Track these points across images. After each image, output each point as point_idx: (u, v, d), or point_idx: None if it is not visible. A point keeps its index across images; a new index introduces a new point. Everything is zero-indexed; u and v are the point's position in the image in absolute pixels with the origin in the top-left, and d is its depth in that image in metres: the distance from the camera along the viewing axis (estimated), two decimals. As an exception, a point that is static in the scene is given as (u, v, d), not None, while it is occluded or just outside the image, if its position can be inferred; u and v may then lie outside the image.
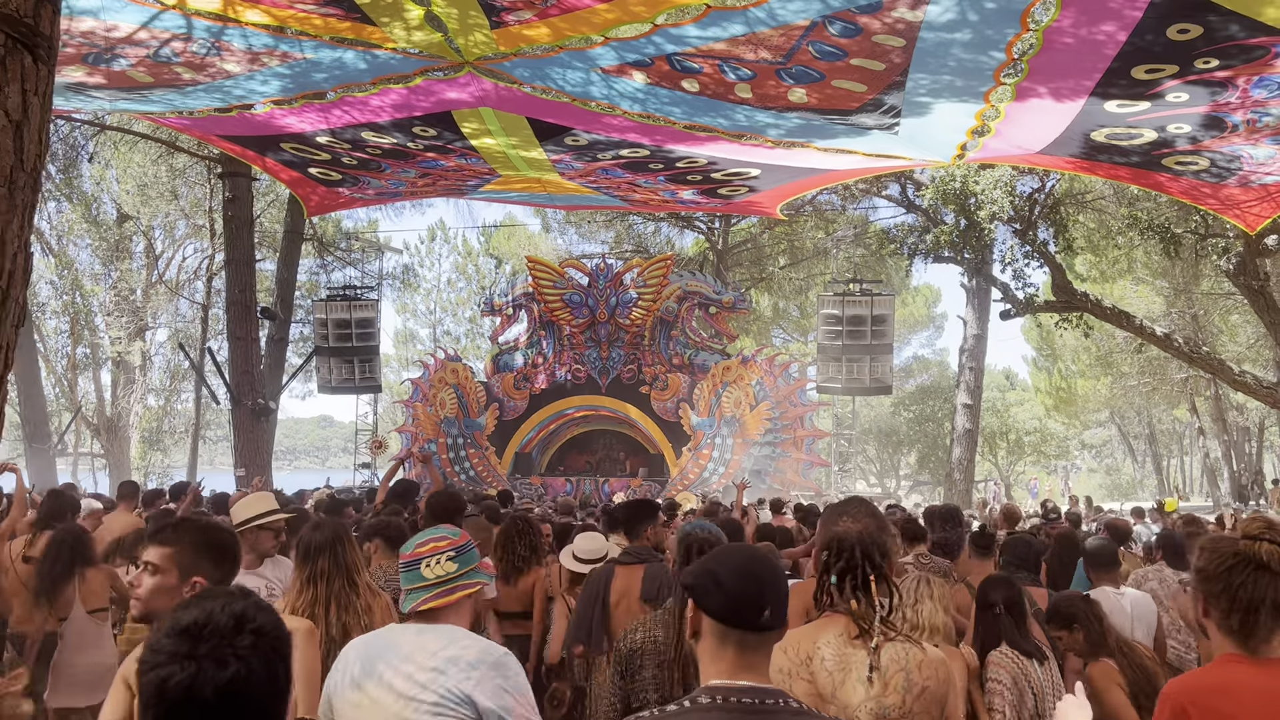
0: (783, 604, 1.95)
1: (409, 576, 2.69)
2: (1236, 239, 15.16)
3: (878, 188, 23.87)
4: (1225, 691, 2.17)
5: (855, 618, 2.37)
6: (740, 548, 2.10)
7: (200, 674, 1.36)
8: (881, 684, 2.31)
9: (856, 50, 6.76)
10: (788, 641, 2.41)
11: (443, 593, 2.64)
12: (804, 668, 2.35)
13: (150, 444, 35.17)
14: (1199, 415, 35.41)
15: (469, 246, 44.32)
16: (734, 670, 1.91)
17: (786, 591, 1.98)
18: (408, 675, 2.48)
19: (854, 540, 2.44)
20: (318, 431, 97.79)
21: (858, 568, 2.41)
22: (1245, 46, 6.10)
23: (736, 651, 1.91)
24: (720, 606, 1.93)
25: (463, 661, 2.48)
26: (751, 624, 1.91)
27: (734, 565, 1.96)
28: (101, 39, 7.54)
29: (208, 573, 2.48)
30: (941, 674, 2.38)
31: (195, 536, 2.54)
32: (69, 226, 31.23)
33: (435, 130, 9.39)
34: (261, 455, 18.22)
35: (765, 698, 1.88)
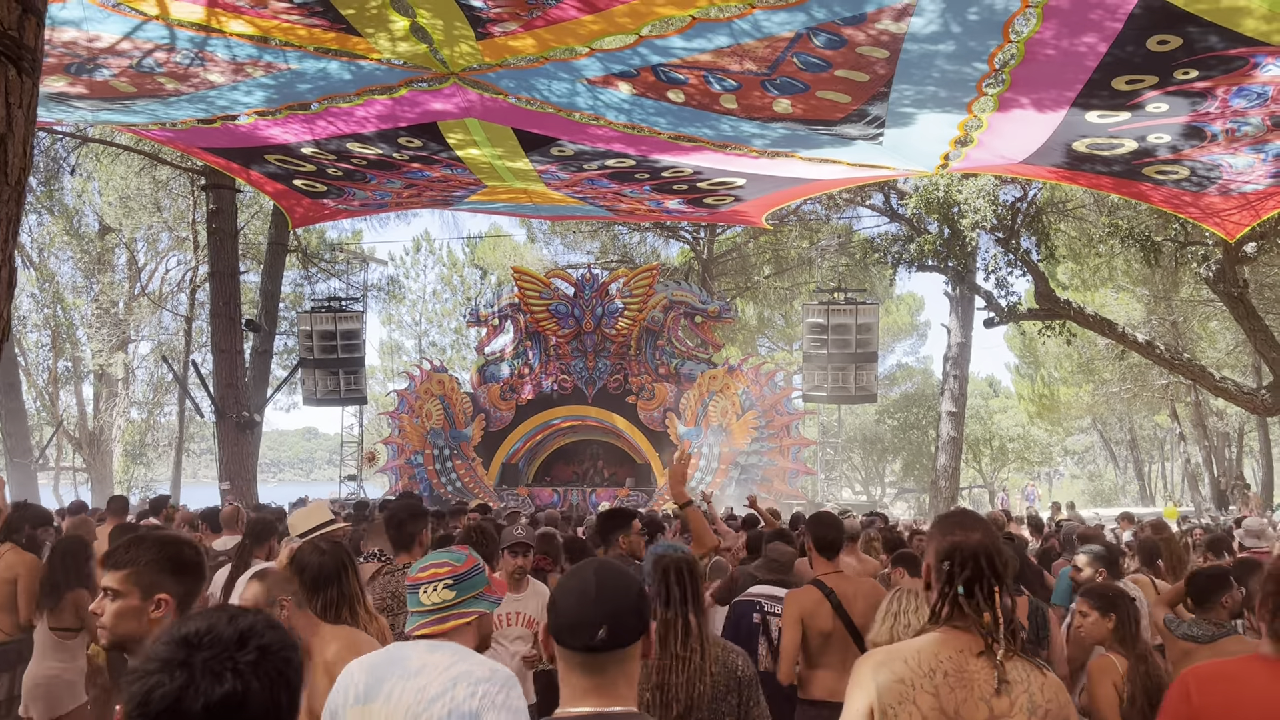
0: (626, 619, 1.87)
1: (411, 600, 2.68)
2: (1215, 246, 15.31)
3: (861, 197, 24.00)
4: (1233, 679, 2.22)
5: (983, 630, 2.30)
6: (583, 565, 2.01)
7: (190, 685, 1.23)
8: (1008, 702, 2.26)
9: (841, 61, 6.81)
10: (908, 650, 2.36)
11: (436, 620, 2.62)
12: (929, 680, 2.28)
13: (133, 458, 34.89)
14: (1180, 421, 35.68)
15: (454, 257, 44.30)
16: (580, 694, 1.86)
17: (633, 605, 1.90)
18: (419, 689, 2.45)
19: (976, 549, 2.37)
20: (303, 444, 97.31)
21: (984, 577, 2.34)
22: (1224, 57, 6.18)
23: (580, 674, 1.87)
24: (557, 628, 1.88)
25: (472, 677, 2.46)
26: (586, 644, 1.84)
27: (568, 585, 1.92)
28: (84, 49, 7.51)
29: (170, 589, 2.38)
30: (1062, 699, 2.33)
31: (152, 553, 2.42)
32: (50, 239, 31.01)
33: (421, 141, 9.39)
34: (246, 468, 18.11)
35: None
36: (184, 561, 2.45)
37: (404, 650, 2.59)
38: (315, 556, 3.60)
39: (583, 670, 1.86)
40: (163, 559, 2.41)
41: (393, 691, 2.47)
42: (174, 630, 1.32)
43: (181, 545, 2.51)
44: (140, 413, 35.01)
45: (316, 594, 3.50)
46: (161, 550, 2.43)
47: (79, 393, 32.96)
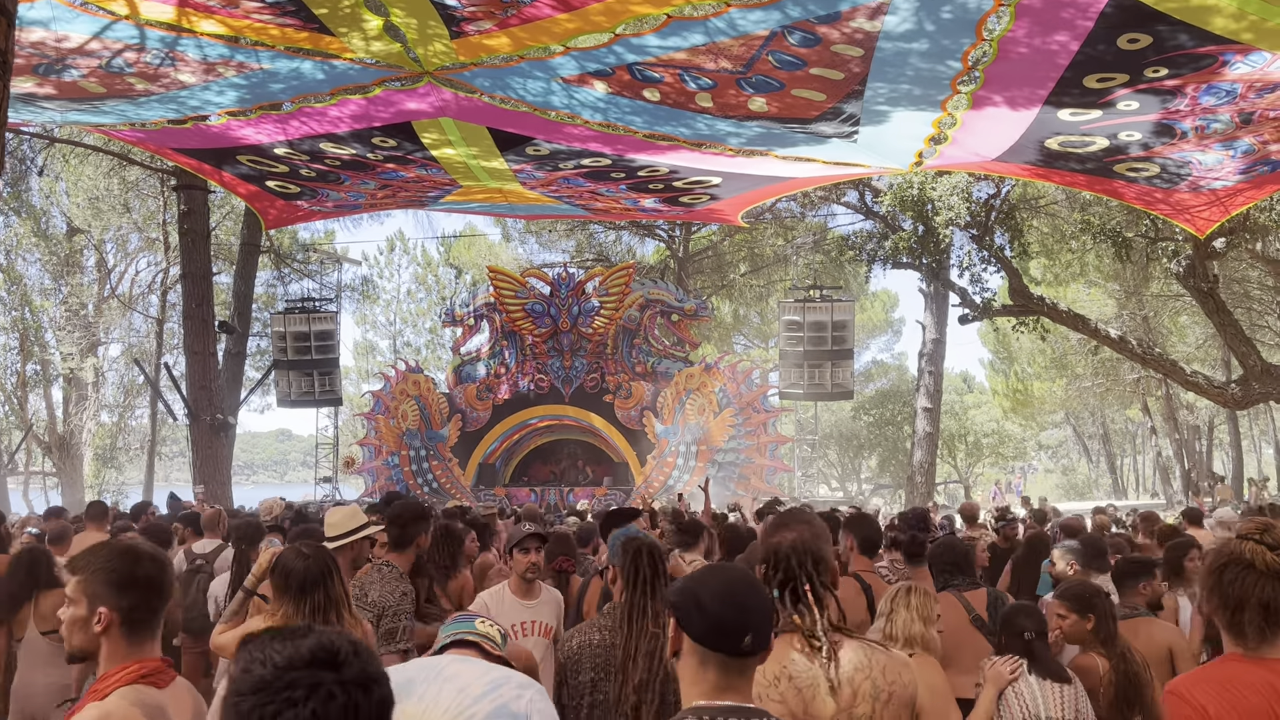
0: (766, 628, 1.95)
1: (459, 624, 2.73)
2: (1185, 242, 15.48)
3: (836, 194, 24.10)
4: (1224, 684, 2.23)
5: (802, 631, 2.36)
6: (726, 570, 2.08)
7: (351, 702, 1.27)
8: (851, 693, 2.30)
9: (816, 60, 6.83)
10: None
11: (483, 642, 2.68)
12: (773, 688, 2.33)
13: (104, 462, 34.48)
14: (1151, 415, 36.09)
15: (429, 257, 44.09)
16: (715, 691, 1.92)
17: (770, 615, 1.98)
18: (459, 689, 2.42)
19: (788, 550, 2.43)
20: (276, 445, 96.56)
21: (796, 577, 2.40)
22: (1194, 55, 6.25)
23: (718, 674, 1.92)
24: (702, 630, 1.93)
25: (515, 681, 2.47)
26: (732, 649, 1.91)
27: (717, 589, 1.96)
28: (52, 49, 7.41)
29: (110, 603, 2.25)
30: (906, 676, 2.37)
31: (100, 562, 2.31)
32: (18, 241, 30.56)
33: (395, 141, 9.34)
34: (220, 471, 17.97)
35: (749, 716, 1.89)
36: (133, 576, 2.31)
37: (433, 660, 2.60)
38: (299, 561, 3.57)
39: (721, 670, 1.93)
40: (108, 570, 2.29)
41: (427, 692, 2.44)
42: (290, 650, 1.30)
43: (140, 558, 2.36)
44: (111, 416, 34.60)
45: (304, 598, 3.46)
46: (111, 561, 2.32)
47: (48, 396, 32.52)
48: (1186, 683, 2.29)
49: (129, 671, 2.22)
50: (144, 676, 2.23)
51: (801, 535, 2.45)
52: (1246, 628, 2.23)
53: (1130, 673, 3.69)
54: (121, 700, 2.15)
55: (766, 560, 2.48)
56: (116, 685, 2.19)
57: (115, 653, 2.25)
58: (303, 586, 3.48)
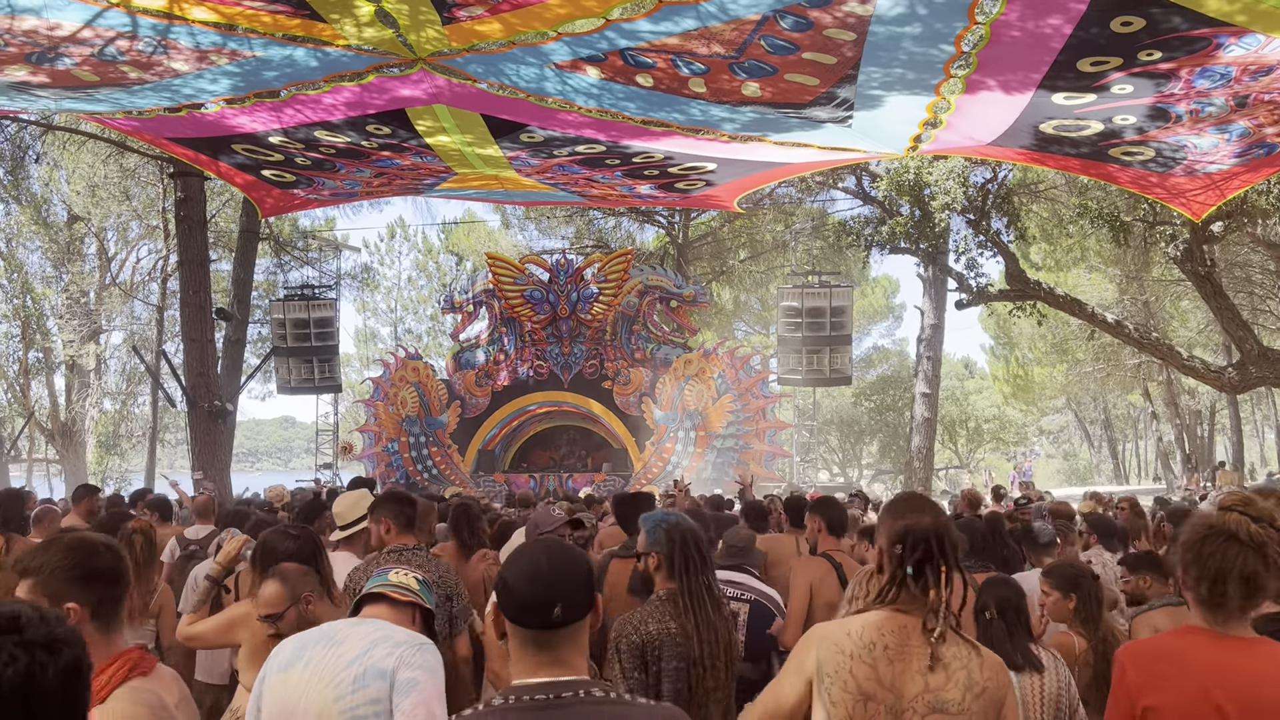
0: (578, 596, 1.97)
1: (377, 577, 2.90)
2: (1183, 226, 15.45)
3: (834, 180, 24.06)
4: (1166, 655, 2.26)
5: (931, 609, 2.37)
6: (534, 545, 2.08)
7: (34, 663, 1.31)
8: (944, 677, 2.32)
9: (808, 44, 6.81)
10: (853, 624, 2.43)
11: (395, 590, 2.84)
12: (868, 652, 2.36)
13: (107, 449, 34.58)
14: (1152, 400, 36.08)
15: (428, 244, 44.08)
16: (534, 668, 1.95)
17: (584, 584, 1.99)
18: (338, 654, 2.58)
19: (927, 532, 2.44)
20: (279, 432, 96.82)
21: (934, 558, 2.41)
22: (1188, 38, 6.22)
23: (534, 649, 1.95)
24: (511, 608, 1.97)
25: (391, 640, 2.61)
26: (543, 622, 1.93)
27: (522, 568, 1.99)
28: (44, 38, 7.40)
29: (79, 597, 2.21)
30: (1001, 678, 2.39)
31: (58, 559, 2.26)
32: (18, 229, 30.57)
33: (390, 129, 9.32)
34: (220, 458, 17.98)
35: (562, 691, 1.90)
36: (95, 568, 2.28)
37: (334, 626, 2.74)
38: (289, 542, 3.61)
39: (536, 646, 1.96)
40: (70, 565, 2.26)
41: (313, 658, 2.60)
42: None
43: (95, 549, 2.33)
44: (113, 403, 34.67)
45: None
46: (69, 556, 2.27)
47: (50, 384, 32.57)
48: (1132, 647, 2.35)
49: (118, 668, 2.20)
50: (133, 669, 2.22)
51: (939, 521, 2.48)
52: (1229, 600, 2.25)
53: (1109, 655, 3.70)
54: (125, 703, 2.13)
55: (902, 540, 2.45)
56: (111, 685, 2.16)
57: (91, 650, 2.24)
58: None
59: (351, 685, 2.52)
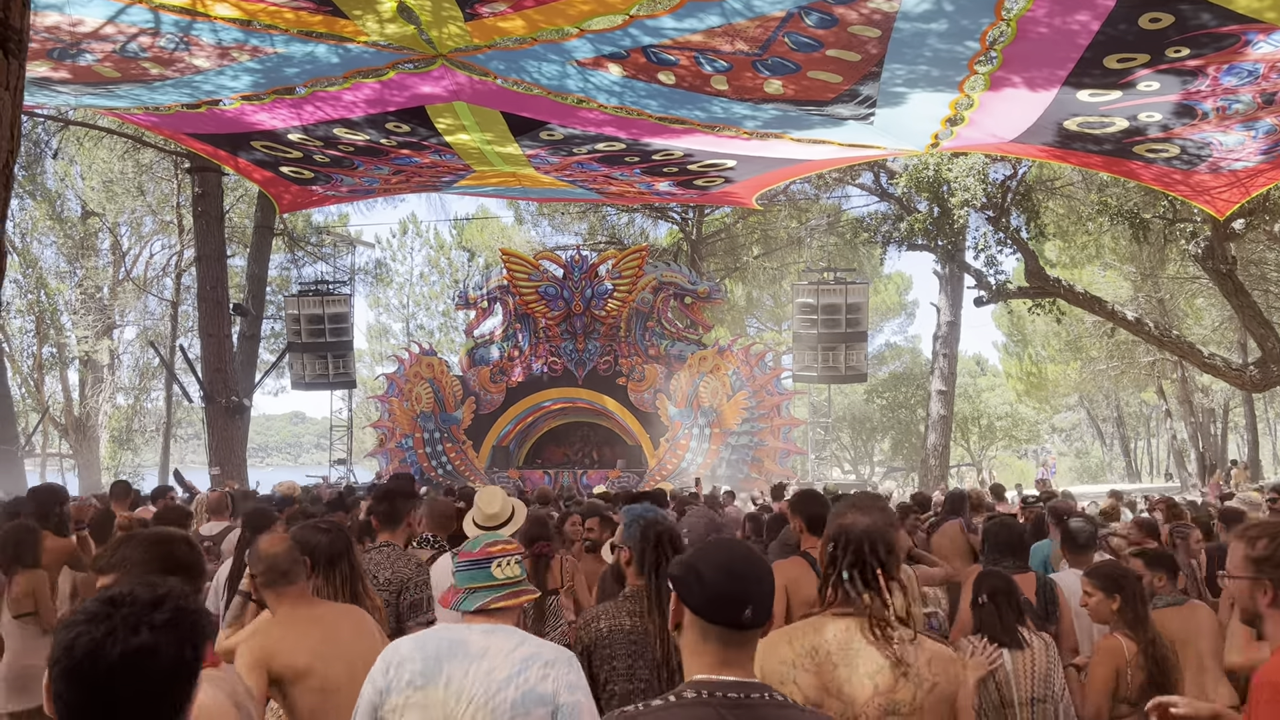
0: (767, 601, 1.95)
1: (475, 575, 2.65)
2: (1204, 223, 15.34)
3: (851, 176, 23.96)
4: None
5: (869, 615, 2.34)
6: (727, 543, 2.06)
7: (110, 636, 1.40)
8: (893, 679, 2.29)
9: (833, 41, 6.78)
10: (793, 632, 2.41)
11: (511, 594, 2.64)
12: (809, 658, 2.33)
13: (120, 443, 34.73)
14: (1166, 398, 35.88)
15: (441, 240, 44.08)
16: (717, 665, 1.91)
17: (772, 589, 1.97)
18: (485, 672, 2.45)
19: (861, 534, 2.42)
20: (290, 428, 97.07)
21: (866, 561, 2.39)
22: (1216, 35, 6.17)
23: (719, 647, 1.91)
24: (702, 603, 1.93)
25: (541, 659, 2.48)
26: (733, 622, 1.90)
27: (717, 562, 1.96)
28: (67, 34, 7.41)
29: None
30: (951, 671, 2.37)
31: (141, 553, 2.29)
32: (33, 224, 30.71)
33: (409, 126, 9.32)
34: (236, 453, 18.07)
35: (750, 692, 1.88)
36: (177, 559, 2.33)
37: (459, 633, 2.57)
38: (322, 536, 3.62)
39: (721, 643, 1.92)
40: (153, 559, 2.30)
41: (453, 675, 2.45)
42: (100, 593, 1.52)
43: (174, 542, 2.38)
44: (127, 398, 34.82)
45: (333, 570, 3.53)
46: (151, 550, 2.32)
47: (64, 378, 32.74)
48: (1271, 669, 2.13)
49: None
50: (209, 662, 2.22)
51: (876, 521, 2.45)
52: None
53: (1159, 657, 3.65)
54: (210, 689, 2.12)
55: (835, 540, 2.46)
56: None
57: None
58: (331, 560, 3.55)
59: (510, 712, 2.41)
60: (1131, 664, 3.63)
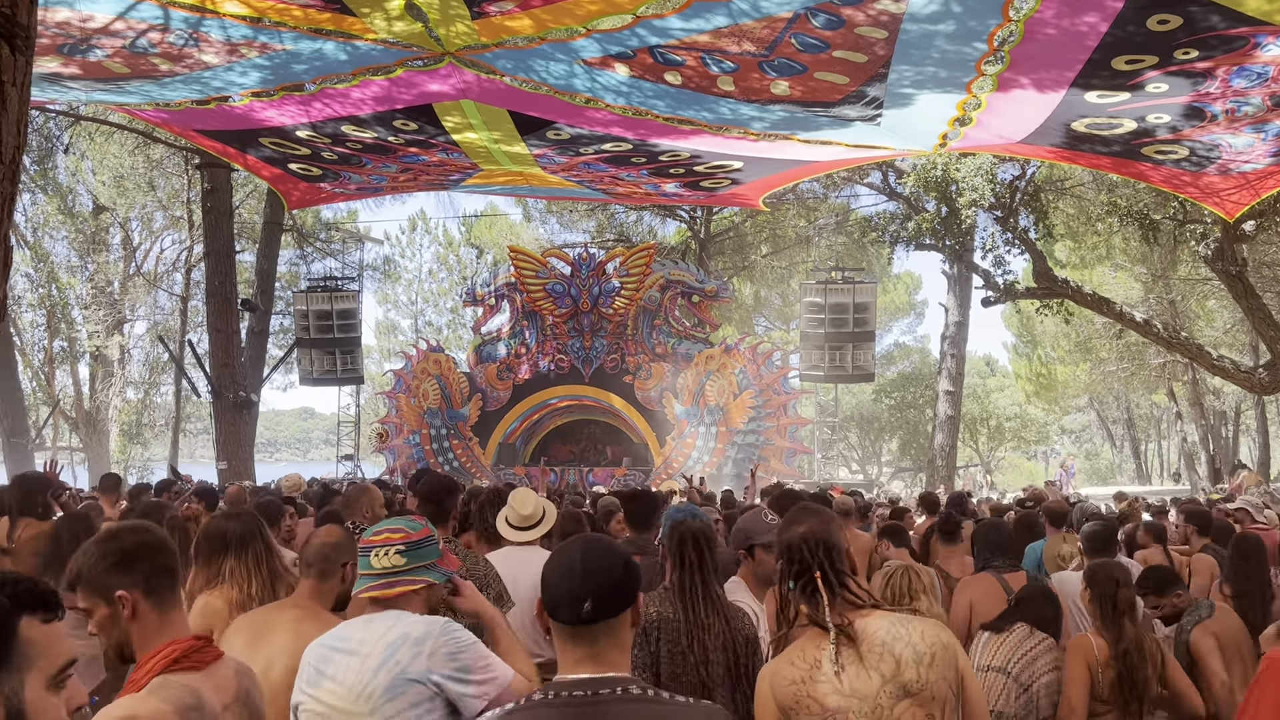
0: (611, 594, 1.95)
1: (361, 563, 2.66)
2: (1214, 225, 15.27)
3: (859, 175, 23.92)
4: None
5: (813, 621, 2.36)
6: (570, 542, 2.08)
7: None
8: (894, 662, 2.30)
9: (840, 42, 6.77)
10: (793, 653, 2.41)
11: (383, 584, 2.61)
12: (815, 671, 2.34)
13: (130, 438, 34.85)
14: (1176, 400, 35.74)
15: (450, 236, 44.12)
16: (572, 664, 1.94)
17: (618, 581, 1.97)
18: (360, 663, 2.46)
19: (799, 543, 2.44)
20: (299, 423, 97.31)
21: (809, 568, 2.41)
22: (1225, 37, 6.15)
23: (571, 644, 1.95)
24: (547, 603, 1.97)
25: (411, 638, 2.47)
26: (572, 618, 1.93)
27: (556, 561, 2.00)
28: (77, 29, 7.44)
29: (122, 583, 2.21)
30: (944, 637, 2.37)
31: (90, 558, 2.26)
32: (44, 218, 30.82)
33: (417, 124, 9.34)
34: (243, 448, 18.13)
35: (599, 688, 1.89)
36: (125, 551, 2.26)
37: (345, 629, 2.60)
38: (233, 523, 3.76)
39: (574, 641, 1.95)
40: (101, 557, 2.25)
41: (337, 671, 2.48)
42: None
43: (118, 533, 2.32)
44: (136, 393, 34.94)
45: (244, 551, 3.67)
46: (99, 548, 2.27)
47: (75, 373, 32.86)
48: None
49: (162, 656, 2.16)
50: (177, 661, 2.16)
51: (811, 527, 2.46)
52: None
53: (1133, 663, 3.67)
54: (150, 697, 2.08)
55: (781, 556, 2.50)
56: (150, 674, 2.13)
57: (147, 633, 2.20)
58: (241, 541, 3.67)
59: (383, 698, 2.42)
60: (1102, 662, 3.66)
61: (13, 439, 25.20)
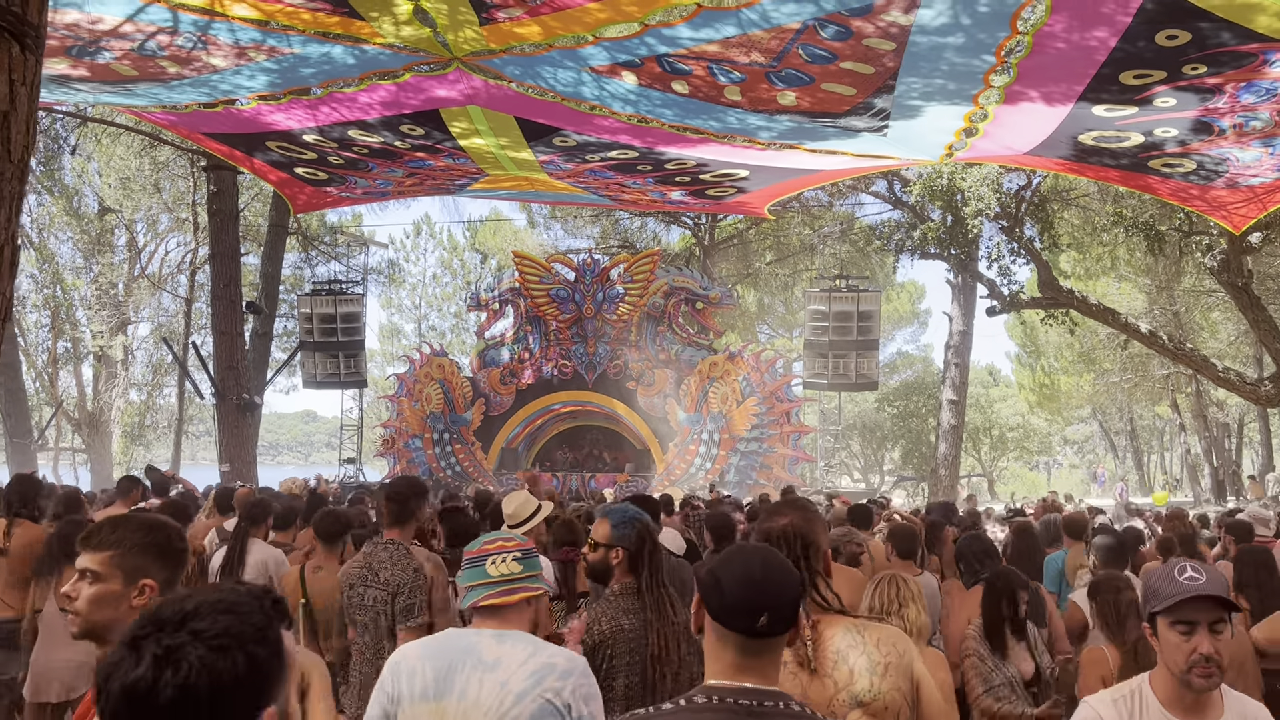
0: (786, 609, 1.94)
1: (472, 573, 2.63)
2: (1220, 237, 15.25)
3: (864, 184, 23.90)
4: None
5: None
6: (751, 549, 2.07)
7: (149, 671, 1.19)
8: (847, 670, 2.29)
9: (848, 54, 6.76)
10: None
11: (505, 591, 2.59)
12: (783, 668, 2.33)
13: (132, 439, 34.88)
14: (1180, 411, 35.65)
15: (454, 241, 44.21)
16: (733, 671, 1.92)
17: (793, 597, 1.97)
18: (500, 684, 2.41)
19: (778, 535, 2.44)
20: (301, 426, 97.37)
21: None
22: (1235, 53, 6.13)
23: (735, 653, 1.92)
24: (718, 608, 1.94)
25: (557, 670, 2.45)
26: (747, 629, 1.91)
27: (736, 569, 1.97)
28: (85, 31, 7.45)
29: (156, 574, 2.24)
30: (900, 646, 2.36)
31: (139, 536, 2.28)
32: (50, 219, 30.88)
33: (424, 130, 9.34)
34: (246, 450, 18.12)
35: (764, 699, 1.88)
36: (170, 548, 2.32)
37: (470, 639, 2.52)
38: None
39: (738, 650, 1.92)
40: (150, 543, 2.28)
41: (468, 687, 2.42)
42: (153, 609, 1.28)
43: (169, 530, 2.38)
44: (140, 394, 34.97)
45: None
46: (150, 534, 2.31)
47: (78, 374, 32.93)
48: None
49: None
50: None
51: (793, 521, 2.47)
52: None
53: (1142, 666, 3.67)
54: None
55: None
56: None
57: None
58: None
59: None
60: (1116, 671, 3.66)
61: (16, 439, 25.21)
